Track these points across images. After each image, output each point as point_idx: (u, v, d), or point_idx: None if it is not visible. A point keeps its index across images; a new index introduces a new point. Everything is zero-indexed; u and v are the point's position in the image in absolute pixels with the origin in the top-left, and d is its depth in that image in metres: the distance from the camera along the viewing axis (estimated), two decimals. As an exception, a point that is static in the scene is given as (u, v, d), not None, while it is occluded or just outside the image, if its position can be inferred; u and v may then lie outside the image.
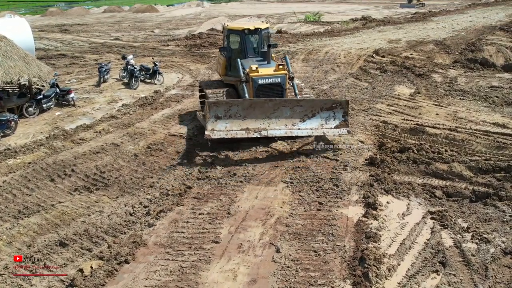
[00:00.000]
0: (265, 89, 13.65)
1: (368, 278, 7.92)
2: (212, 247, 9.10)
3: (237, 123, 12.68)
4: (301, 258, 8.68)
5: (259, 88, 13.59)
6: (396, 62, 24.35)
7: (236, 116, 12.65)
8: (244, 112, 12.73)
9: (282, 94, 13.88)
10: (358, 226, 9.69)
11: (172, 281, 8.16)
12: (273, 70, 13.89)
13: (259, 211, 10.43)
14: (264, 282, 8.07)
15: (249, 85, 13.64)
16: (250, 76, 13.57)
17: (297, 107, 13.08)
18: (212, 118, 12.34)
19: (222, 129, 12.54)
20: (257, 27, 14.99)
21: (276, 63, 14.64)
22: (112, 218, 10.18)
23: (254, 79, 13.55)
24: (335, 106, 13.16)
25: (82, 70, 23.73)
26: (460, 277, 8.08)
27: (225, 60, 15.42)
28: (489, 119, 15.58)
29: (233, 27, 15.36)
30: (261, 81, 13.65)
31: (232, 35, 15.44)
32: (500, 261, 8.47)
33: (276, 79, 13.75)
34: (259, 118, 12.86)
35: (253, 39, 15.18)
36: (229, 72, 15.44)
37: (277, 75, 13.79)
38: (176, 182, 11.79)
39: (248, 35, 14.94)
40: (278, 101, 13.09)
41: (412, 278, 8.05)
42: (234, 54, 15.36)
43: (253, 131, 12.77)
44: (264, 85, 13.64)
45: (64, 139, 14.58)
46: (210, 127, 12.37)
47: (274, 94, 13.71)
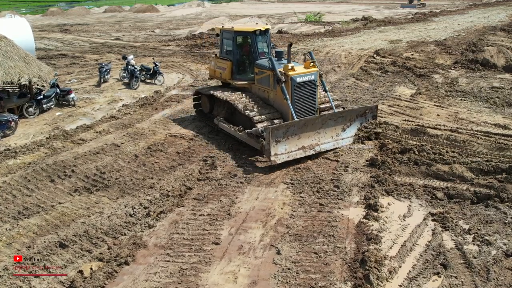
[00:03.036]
0: (302, 87, 13.40)
1: (369, 280, 7.88)
2: (212, 249, 9.06)
3: (293, 143, 12.63)
4: (302, 259, 8.64)
5: (297, 86, 13.32)
6: (397, 63, 24.33)
7: (292, 136, 12.58)
8: (299, 130, 12.67)
9: (315, 91, 13.77)
10: (359, 228, 9.65)
11: (172, 282, 8.12)
12: (304, 68, 13.65)
13: (259, 213, 10.40)
14: (264, 284, 8.03)
15: (288, 85, 13.28)
16: (289, 75, 13.21)
17: (340, 118, 13.48)
18: (273, 142, 12.17)
19: (283, 151, 12.43)
20: (266, 28, 14.85)
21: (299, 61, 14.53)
22: (112, 219, 10.14)
23: (293, 77, 13.20)
24: (368, 111, 14.16)
25: (83, 70, 23.70)
26: (461, 279, 8.04)
27: (231, 63, 15.06)
28: (490, 120, 15.54)
29: (242, 29, 15.04)
30: (299, 79, 13.34)
31: (240, 37, 15.04)
32: (502, 263, 8.42)
33: (310, 76, 13.54)
34: (311, 134, 12.94)
35: (262, 40, 15.00)
36: (237, 76, 15.14)
37: (311, 72, 13.58)
38: (176, 183, 11.76)
39: (258, 36, 14.73)
40: (326, 115, 13.29)
41: (413, 280, 8.00)
42: (242, 57, 15.11)
43: (308, 148, 12.84)
44: (301, 83, 13.36)
45: (64, 140, 14.55)
46: (273, 152, 12.20)
47: (309, 92, 13.62)
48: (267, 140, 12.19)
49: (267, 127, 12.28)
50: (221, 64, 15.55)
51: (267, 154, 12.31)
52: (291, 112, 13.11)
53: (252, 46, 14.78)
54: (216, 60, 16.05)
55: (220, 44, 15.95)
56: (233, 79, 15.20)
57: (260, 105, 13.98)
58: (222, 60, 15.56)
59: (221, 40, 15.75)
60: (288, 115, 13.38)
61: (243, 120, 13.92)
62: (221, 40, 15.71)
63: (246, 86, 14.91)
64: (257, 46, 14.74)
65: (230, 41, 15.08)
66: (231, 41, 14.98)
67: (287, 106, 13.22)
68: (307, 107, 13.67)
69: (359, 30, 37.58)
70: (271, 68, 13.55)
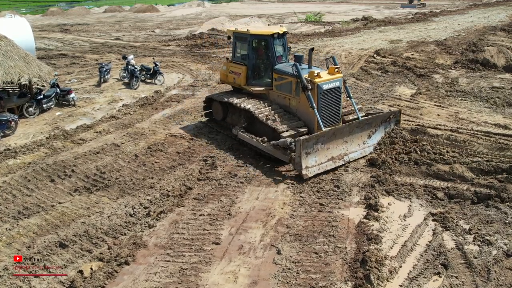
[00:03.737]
0: (327, 94, 12.78)
1: (369, 280, 7.87)
2: (212, 249, 9.06)
3: (323, 154, 12.14)
4: (302, 259, 8.63)
5: (323, 94, 12.69)
6: (397, 63, 24.32)
7: (322, 147, 12.09)
8: (327, 140, 12.20)
9: (340, 98, 13.22)
10: (359, 228, 9.65)
11: (173, 282, 8.11)
12: (329, 74, 13.03)
13: (259, 212, 10.39)
14: (265, 284, 8.02)
15: (314, 92, 12.58)
16: (315, 82, 12.55)
17: (366, 124, 13.11)
18: (304, 155, 11.62)
19: (313, 164, 11.92)
20: (284, 30, 14.18)
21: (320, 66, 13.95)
22: (112, 219, 10.13)
23: (320, 85, 12.55)
24: (391, 117, 13.79)
25: (83, 70, 23.68)
26: (462, 280, 8.04)
27: (247, 68, 14.30)
28: (491, 120, 15.53)
29: (259, 32, 14.10)
30: (326, 87, 12.71)
31: (256, 41, 14.19)
32: (503, 263, 8.42)
33: (336, 83, 12.95)
34: (339, 143, 12.51)
35: (279, 44, 14.27)
36: (253, 81, 14.40)
37: (336, 78, 12.99)
38: (176, 183, 11.74)
39: (275, 40, 13.98)
40: (354, 123, 12.86)
41: (414, 280, 8.00)
42: (258, 61, 14.41)
43: (338, 158, 12.40)
44: (327, 90, 12.73)
45: (64, 139, 14.54)
46: (304, 165, 11.65)
47: (334, 99, 13.04)
48: (297, 153, 11.62)
49: (298, 139, 11.61)
50: (235, 69, 14.71)
51: (297, 167, 11.71)
52: (318, 121, 12.52)
53: (270, 50, 13.94)
54: (228, 65, 15.14)
55: (232, 47, 15.12)
56: (248, 84, 14.42)
57: (282, 114, 13.33)
58: (236, 65, 14.73)
59: (233, 44, 14.92)
60: (313, 124, 12.82)
61: (263, 129, 13.25)
62: (234, 44, 14.90)
63: (263, 93, 14.17)
64: (274, 50, 13.96)
65: (245, 45, 14.25)
66: (247, 44, 14.12)
67: (313, 115, 12.65)
68: (332, 114, 13.11)
69: (359, 30, 37.55)
70: (297, 75, 12.82)
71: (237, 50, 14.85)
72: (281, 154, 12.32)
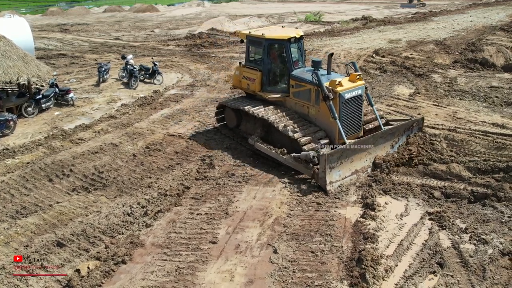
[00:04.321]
0: (349, 103, 12.23)
1: (365, 279, 7.91)
2: (209, 248, 9.09)
3: (347, 167, 11.62)
4: (299, 258, 8.67)
5: (345, 103, 12.11)
6: (396, 62, 24.33)
7: (346, 160, 11.53)
8: (352, 153, 11.65)
9: (361, 106, 12.67)
10: (356, 227, 9.68)
11: (169, 281, 8.15)
12: (350, 81, 12.42)
13: (257, 212, 10.42)
14: (261, 283, 8.05)
15: (335, 102, 11.99)
16: (337, 91, 11.95)
17: (390, 135, 12.60)
18: (328, 169, 11.06)
19: (337, 178, 11.40)
20: (300, 34, 13.49)
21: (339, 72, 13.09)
22: (110, 218, 10.16)
23: (341, 94, 11.96)
24: (414, 125, 13.24)
25: (82, 70, 23.70)
26: (457, 278, 8.07)
27: (261, 73, 13.64)
28: (489, 119, 15.55)
29: (274, 37, 13.24)
30: (348, 95, 12.12)
31: (271, 45, 13.44)
32: (498, 262, 8.45)
33: (358, 91, 12.38)
34: (363, 156, 11.99)
35: (296, 48, 13.58)
36: (269, 88, 13.71)
37: (358, 86, 12.40)
38: (174, 183, 11.77)
39: (292, 44, 13.28)
40: (378, 134, 12.34)
41: (409, 279, 8.04)
42: (273, 66, 13.74)
43: (361, 171, 11.95)
44: (349, 99, 12.17)
45: (62, 139, 14.57)
46: (328, 180, 11.09)
47: (355, 108, 12.48)
48: (321, 168, 11.07)
49: (322, 153, 11.10)
50: (249, 74, 13.99)
51: (321, 182, 11.18)
52: (340, 131, 11.97)
53: (286, 55, 13.24)
54: (241, 70, 14.37)
55: (246, 52, 14.39)
56: (263, 91, 13.74)
57: (301, 123, 12.77)
58: (250, 70, 14.01)
59: (247, 48, 14.22)
60: (334, 134, 12.30)
61: (280, 139, 12.78)
62: (247, 48, 14.19)
63: (280, 100, 13.55)
64: (291, 55, 13.28)
65: (260, 49, 13.61)
66: (262, 49, 13.47)
67: (334, 125, 12.12)
68: (353, 123, 12.58)
69: (359, 30, 37.51)
70: (317, 84, 12.20)
71: (250, 54, 14.19)
72: (303, 168, 11.79)
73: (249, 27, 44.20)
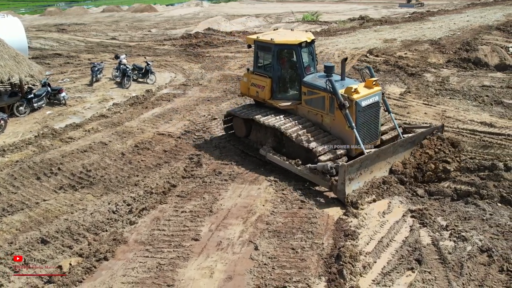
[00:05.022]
0: (366, 111, 11.64)
1: (342, 275, 7.98)
2: (191, 245, 9.18)
3: (366, 178, 11.10)
4: (279, 255, 8.75)
5: (361, 111, 11.52)
6: (389, 62, 24.38)
7: (365, 171, 11.02)
8: (371, 163, 11.10)
9: (379, 114, 12.09)
10: (338, 224, 9.76)
11: (149, 277, 8.24)
12: (366, 88, 11.86)
13: (241, 209, 10.51)
14: (240, 279, 8.14)
15: (351, 110, 11.39)
16: (353, 99, 11.34)
17: (410, 143, 11.99)
18: (347, 181, 10.51)
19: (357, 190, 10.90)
20: (312, 38, 12.86)
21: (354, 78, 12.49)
22: (95, 216, 10.27)
23: (358, 102, 11.34)
24: (435, 132, 12.50)
25: (76, 70, 23.80)
26: (435, 275, 8.14)
27: (271, 80, 12.96)
28: (477, 118, 15.62)
29: (284, 41, 12.66)
30: (364, 103, 11.49)
31: (281, 51, 12.89)
32: (476, 258, 8.52)
33: (375, 97, 11.77)
34: (382, 165, 11.47)
35: (307, 52, 13.02)
36: (279, 95, 13.05)
37: (375, 93, 11.80)
38: (161, 181, 11.87)
39: (303, 49, 12.70)
40: (398, 143, 11.81)
41: (386, 275, 8.11)
42: (283, 72, 13.12)
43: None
44: (366, 107, 11.57)
45: (52, 138, 14.67)
46: (347, 192, 10.53)
47: (373, 115, 11.89)
48: (340, 179, 10.49)
49: (341, 164, 10.54)
50: (258, 81, 13.29)
51: (340, 195, 10.58)
52: (357, 141, 11.33)
53: (297, 61, 12.63)
54: (249, 76, 13.65)
55: (254, 57, 13.72)
56: (273, 99, 13.07)
57: (315, 131, 12.15)
58: (259, 77, 13.33)
59: (255, 53, 13.54)
60: (351, 144, 11.66)
61: (293, 148, 12.20)
62: (256, 53, 13.52)
63: (291, 108, 12.90)
64: (302, 60, 12.64)
65: (269, 55, 12.98)
66: (271, 55, 12.84)
67: (351, 134, 11.47)
68: (370, 132, 11.97)
69: (355, 30, 37.53)
70: (332, 91, 11.58)
71: (259, 60, 13.51)
72: (319, 180, 11.17)
73: (246, 27, 44.25)
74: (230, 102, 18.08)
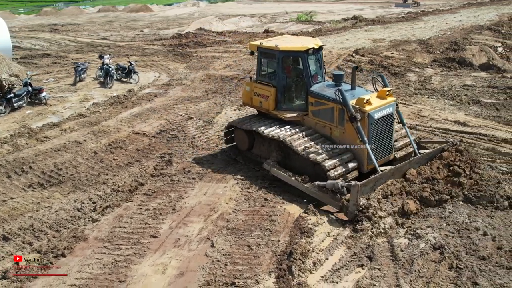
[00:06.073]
0: (379, 123, 10.81)
1: (291, 271, 8.10)
2: (149, 242, 9.31)
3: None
4: (234, 252, 8.87)
5: (374, 124, 10.70)
6: (374, 61, 24.45)
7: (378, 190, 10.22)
8: (385, 181, 10.30)
9: (392, 126, 11.24)
10: (297, 222, 9.85)
11: (103, 273, 8.37)
12: (379, 98, 11.03)
13: (204, 207, 10.63)
14: (191, 275, 8.26)
15: (363, 123, 10.55)
16: (365, 110, 10.50)
17: (426, 159, 11.19)
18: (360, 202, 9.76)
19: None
20: (320, 45, 12.03)
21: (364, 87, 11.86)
22: (59, 214, 10.41)
23: (370, 114, 10.50)
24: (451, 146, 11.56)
25: (62, 70, 23.95)
26: (384, 271, 8.25)
27: (276, 90, 12.13)
28: (452, 117, 15.70)
29: (290, 48, 11.87)
30: (377, 115, 10.67)
31: (287, 58, 12.06)
32: (428, 256, 8.63)
33: (388, 109, 10.94)
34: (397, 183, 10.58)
35: (315, 60, 12.19)
36: (284, 105, 12.20)
37: (388, 104, 10.96)
38: (129, 179, 12.00)
39: (310, 56, 11.85)
40: (414, 160, 10.99)
41: (336, 272, 8.22)
42: (289, 81, 12.25)
43: None
44: (379, 119, 10.75)
45: (28, 137, 14.80)
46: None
47: (386, 128, 11.04)
48: (352, 200, 9.65)
49: (354, 183, 9.65)
50: (261, 91, 12.43)
51: (351, 216, 9.71)
52: (370, 157, 10.54)
53: (304, 69, 11.78)
54: (252, 85, 12.81)
55: (257, 65, 12.79)
56: (278, 109, 12.23)
57: (324, 144, 11.25)
58: (262, 86, 12.48)
59: (258, 60, 12.65)
60: (363, 159, 10.85)
61: (299, 162, 11.38)
62: (259, 61, 12.64)
63: (297, 119, 12.06)
64: (309, 68, 11.80)
65: (273, 62, 12.17)
66: (275, 62, 12.00)
67: (362, 149, 10.68)
68: (383, 146, 11.13)
69: (346, 29, 37.63)
70: (342, 102, 10.70)
71: (262, 68, 12.66)
72: (328, 199, 10.30)
73: (239, 27, 44.37)
74: (209, 102, 18.22)
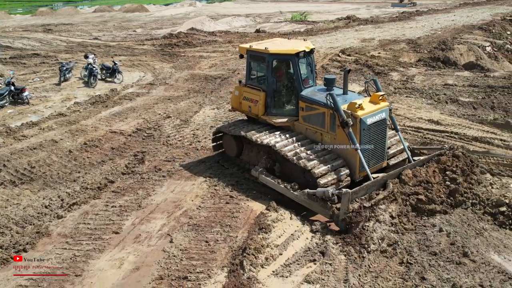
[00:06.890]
0: (372, 129, 10.51)
1: (242, 266, 8.27)
2: (110, 238, 9.49)
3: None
4: (191, 247, 9.05)
5: (366, 129, 10.38)
6: (359, 61, 24.62)
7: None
8: (378, 189, 10.04)
9: (385, 132, 10.96)
10: (257, 218, 10.02)
11: (61, 268, 8.55)
12: (371, 103, 10.76)
13: (169, 204, 10.81)
14: (146, 270, 8.44)
15: (355, 128, 10.23)
16: (357, 116, 10.19)
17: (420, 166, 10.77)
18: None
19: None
20: (311, 47, 11.68)
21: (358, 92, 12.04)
22: (27, 210, 10.61)
23: (363, 119, 10.21)
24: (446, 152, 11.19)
25: (49, 69, 24.18)
26: (335, 266, 8.41)
27: (265, 94, 11.83)
28: (426, 116, 15.85)
29: (280, 51, 11.51)
30: (370, 121, 10.38)
31: (278, 61, 11.77)
32: (380, 251, 8.76)
33: (381, 114, 10.66)
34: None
35: (306, 63, 11.91)
36: (274, 110, 11.90)
37: (381, 109, 10.68)
38: (100, 177, 12.19)
39: (301, 59, 11.49)
40: (408, 167, 10.64)
41: (287, 267, 8.38)
42: (279, 86, 11.86)
43: None
44: (371, 125, 10.44)
45: (6, 136, 15.00)
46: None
47: (379, 134, 10.74)
48: (343, 208, 9.34)
49: (345, 191, 9.28)
50: (251, 95, 12.16)
51: (342, 226, 9.43)
52: (361, 163, 10.22)
53: (294, 73, 11.50)
54: (241, 90, 12.51)
55: (247, 68, 12.56)
56: (267, 114, 11.94)
57: (314, 150, 10.95)
58: (251, 90, 12.19)
59: (248, 64, 12.42)
60: (354, 166, 10.49)
61: (289, 169, 11.06)
62: (248, 64, 12.39)
63: (287, 125, 11.78)
64: (299, 72, 11.50)
65: (263, 66, 11.84)
66: (265, 66, 11.68)
67: (354, 155, 10.33)
68: (376, 153, 10.82)
69: (337, 29, 37.81)
70: (333, 107, 10.35)
71: (252, 71, 12.38)
72: (318, 207, 10.00)
73: (231, 26, 44.58)
74: (189, 101, 18.41)
